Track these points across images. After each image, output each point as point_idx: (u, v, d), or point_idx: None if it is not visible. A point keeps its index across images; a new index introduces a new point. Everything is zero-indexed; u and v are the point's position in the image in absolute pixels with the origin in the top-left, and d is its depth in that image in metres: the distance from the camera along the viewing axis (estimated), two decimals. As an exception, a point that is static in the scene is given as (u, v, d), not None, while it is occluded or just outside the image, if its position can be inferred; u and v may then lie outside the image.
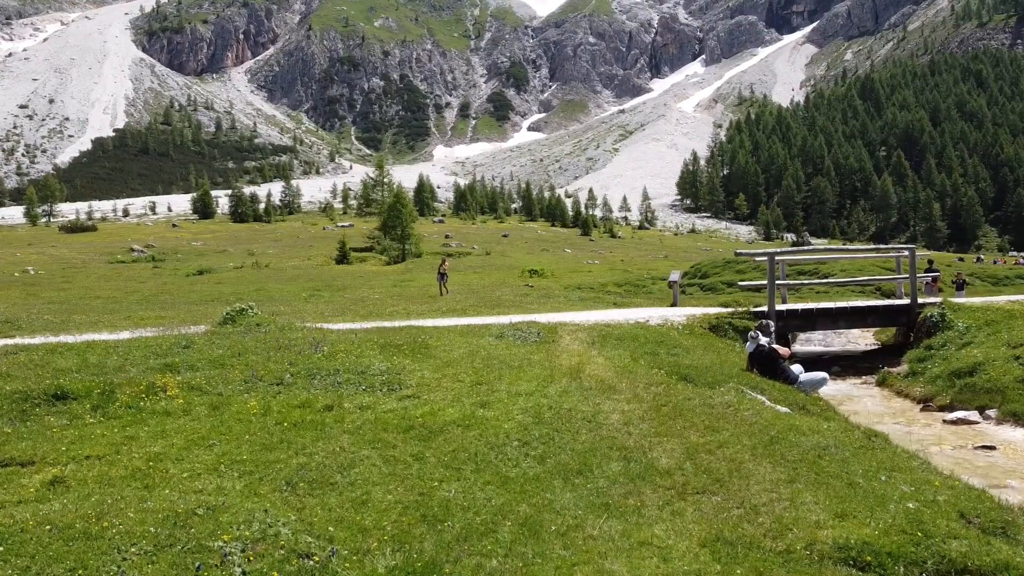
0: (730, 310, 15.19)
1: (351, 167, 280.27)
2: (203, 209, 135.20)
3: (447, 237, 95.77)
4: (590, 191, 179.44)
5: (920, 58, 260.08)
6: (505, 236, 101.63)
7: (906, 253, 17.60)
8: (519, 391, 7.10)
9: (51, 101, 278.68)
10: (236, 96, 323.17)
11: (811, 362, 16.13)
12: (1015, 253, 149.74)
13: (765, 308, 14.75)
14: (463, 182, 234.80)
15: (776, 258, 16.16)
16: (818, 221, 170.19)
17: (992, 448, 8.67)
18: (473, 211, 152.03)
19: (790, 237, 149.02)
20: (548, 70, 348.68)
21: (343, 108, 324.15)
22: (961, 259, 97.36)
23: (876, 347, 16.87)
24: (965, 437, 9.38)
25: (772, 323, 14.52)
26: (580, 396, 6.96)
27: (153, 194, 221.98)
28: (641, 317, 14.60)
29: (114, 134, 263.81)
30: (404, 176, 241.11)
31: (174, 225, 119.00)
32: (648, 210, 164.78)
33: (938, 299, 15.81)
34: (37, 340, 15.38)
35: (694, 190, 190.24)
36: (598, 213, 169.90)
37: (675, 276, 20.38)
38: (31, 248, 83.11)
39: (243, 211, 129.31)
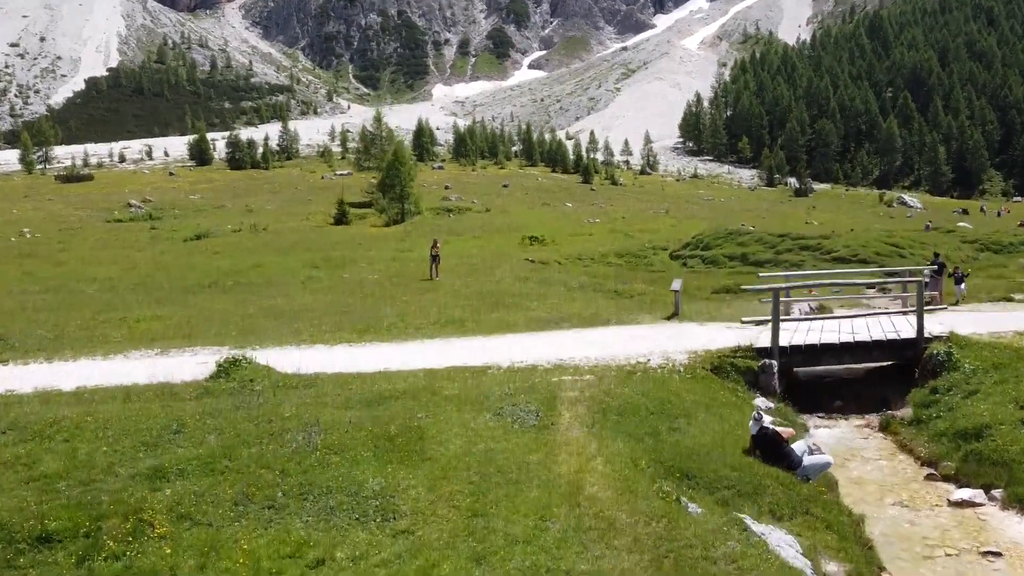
0: (732, 345, 14.85)
1: (349, 107, 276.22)
2: (200, 155, 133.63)
3: (447, 188, 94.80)
4: (591, 134, 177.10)
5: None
6: (505, 186, 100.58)
7: (918, 277, 17.18)
8: (516, 536, 6.88)
9: (42, 39, 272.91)
10: (231, 33, 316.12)
11: (813, 388, 15.88)
12: (1019, 198, 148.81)
13: (768, 344, 14.46)
14: (463, 123, 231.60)
15: (783, 287, 15.49)
16: (821, 164, 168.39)
17: (998, 555, 8.52)
18: (473, 156, 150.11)
19: (793, 182, 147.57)
20: (549, 5, 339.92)
21: (340, 46, 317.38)
22: (965, 211, 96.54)
23: (882, 364, 16.48)
24: (970, 532, 9.22)
25: (775, 364, 14.27)
26: (579, 547, 6.75)
27: (149, 136, 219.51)
28: (642, 353, 14.31)
29: (107, 73, 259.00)
30: (403, 117, 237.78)
31: (171, 173, 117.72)
32: (650, 154, 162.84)
33: (944, 332, 15.41)
34: (30, 371, 15.14)
35: (697, 132, 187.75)
36: (599, 157, 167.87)
37: (676, 285, 20.04)
38: (28, 202, 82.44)
39: (240, 157, 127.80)
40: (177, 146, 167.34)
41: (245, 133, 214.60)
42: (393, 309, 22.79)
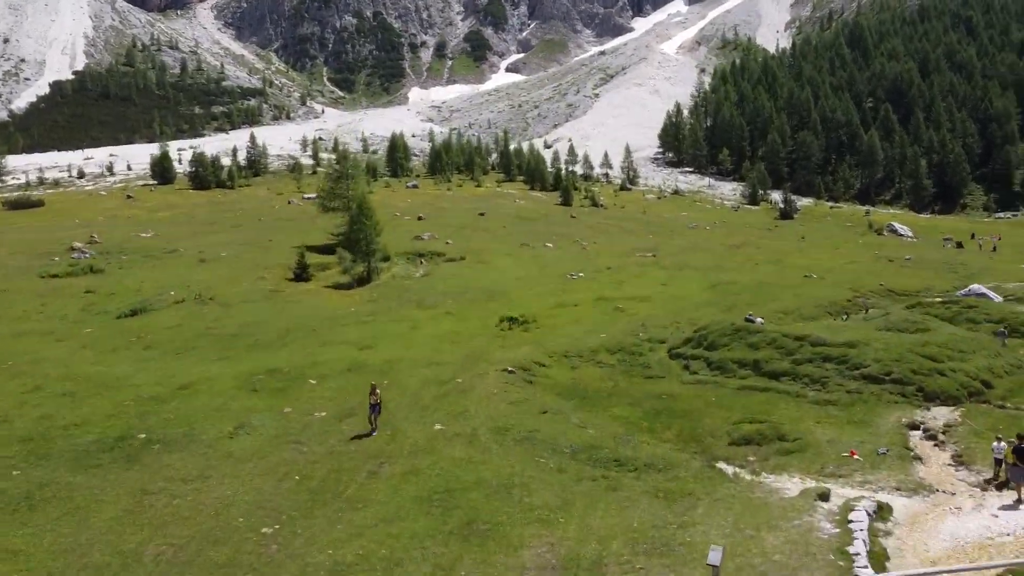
0: None
1: (323, 111, 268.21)
2: (162, 174, 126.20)
3: (420, 219, 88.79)
4: (570, 146, 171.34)
5: (908, 0, 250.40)
6: (482, 215, 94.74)
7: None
8: None
9: (6, 41, 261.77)
10: (202, 34, 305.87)
11: None
12: (1001, 214, 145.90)
13: None
14: (439, 129, 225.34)
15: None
16: (803, 177, 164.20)
17: None
18: (449, 172, 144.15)
19: (776, 199, 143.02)
20: (527, 7, 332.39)
21: (314, 47, 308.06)
22: (960, 244, 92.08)
23: None
24: None
25: None
26: None
27: (115, 143, 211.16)
28: None
29: (73, 77, 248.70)
30: (378, 123, 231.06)
31: (129, 196, 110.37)
32: (630, 168, 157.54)
33: None
34: None
35: (677, 143, 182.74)
36: (578, 169, 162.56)
37: (715, 559, 14.36)
38: (-36, 241, 75.23)
39: (204, 175, 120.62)
40: (142, 157, 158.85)
41: (215, 141, 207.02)
42: (323, 553, 16.93)
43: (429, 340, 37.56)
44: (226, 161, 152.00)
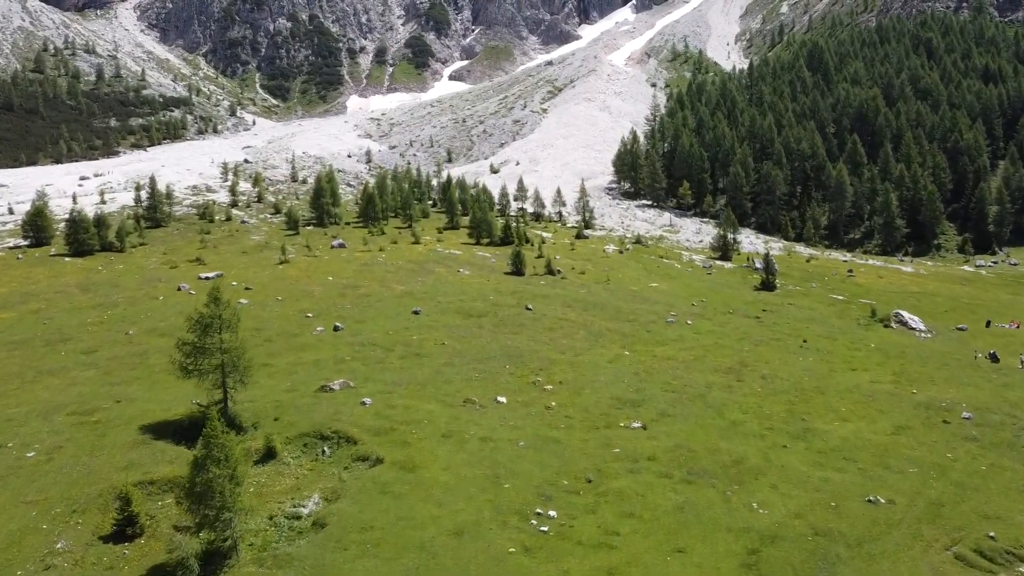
0: None
1: (254, 122, 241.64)
2: (36, 232, 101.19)
3: (336, 330, 67.40)
4: (519, 179, 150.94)
5: (860, 16, 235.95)
6: (416, 312, 73.76)
7: None
8: None
9: None
10: (123, 36, 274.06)
11: None
12: (982, 262, 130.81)
13: None
14: (377, 148, 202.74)
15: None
16: (768, 213, 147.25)
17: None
18: (383, 218, 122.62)
19: (748, 248, 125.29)
20: (471, 12, 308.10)
21: (246, 52, 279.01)
22: (995, 357, 73.88)
23: None
24: None
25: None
26: None
27: (15, 164, 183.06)
28: None
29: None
30: (311, 139, 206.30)
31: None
32: (585, 208, 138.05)
33: None
34: None
35: (633, 173, 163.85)
36: (529, 207, 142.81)
37: None
38: None
39: (85, 239, 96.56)
40: (28, 193, 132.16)
41: (130, 162, 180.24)
42: None
43: None
44: (129, 198, 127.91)
